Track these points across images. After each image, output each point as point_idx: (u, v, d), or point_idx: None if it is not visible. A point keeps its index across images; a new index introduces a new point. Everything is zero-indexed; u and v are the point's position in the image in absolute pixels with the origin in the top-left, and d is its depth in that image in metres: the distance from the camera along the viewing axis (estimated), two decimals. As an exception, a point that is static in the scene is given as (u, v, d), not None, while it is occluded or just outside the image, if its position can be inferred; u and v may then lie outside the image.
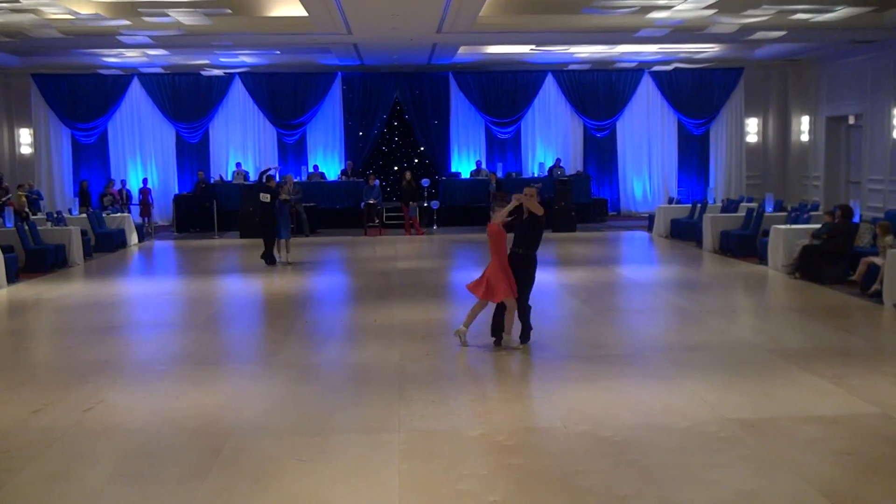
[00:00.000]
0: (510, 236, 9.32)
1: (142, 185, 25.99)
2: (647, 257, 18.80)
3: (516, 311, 9.31)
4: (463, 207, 25.70)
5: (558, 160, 27.02)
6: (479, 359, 9.00)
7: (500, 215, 9.24)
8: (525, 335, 9.50)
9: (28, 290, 14.56)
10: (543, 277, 14.18)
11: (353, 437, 6.59)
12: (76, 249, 17.82)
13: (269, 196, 16.89)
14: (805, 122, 26.67)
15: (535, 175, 26.86)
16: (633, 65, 27.04)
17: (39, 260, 16.64)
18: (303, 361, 9.11)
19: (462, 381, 8.16)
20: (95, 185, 26.45)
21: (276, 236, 17.04)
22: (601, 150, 28.21)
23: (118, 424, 7.00)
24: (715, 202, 22.39)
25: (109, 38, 19.74)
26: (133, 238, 21.76)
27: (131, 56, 23.71)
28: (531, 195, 9.16)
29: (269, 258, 17.01)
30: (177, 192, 26.84)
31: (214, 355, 9.63)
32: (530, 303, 9.58)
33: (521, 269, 9.29)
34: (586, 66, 27.23)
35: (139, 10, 17.11)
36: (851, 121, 24.27)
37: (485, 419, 6.97)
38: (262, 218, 17.12)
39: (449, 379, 8.21)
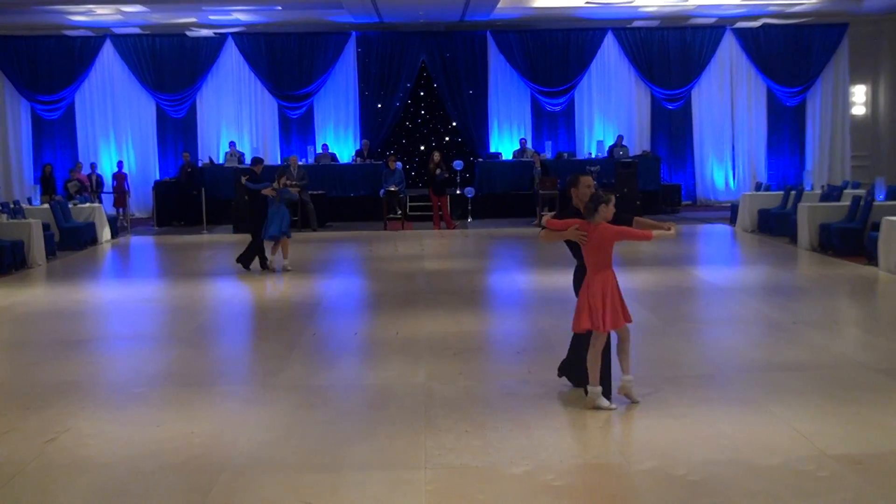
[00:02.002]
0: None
1: (116, 170, 26.27)
2: (730, 256, 18.67)
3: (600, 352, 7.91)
4: (504, 196, 25.69)
5: (620, 138, 26.94)
6: (523, 381, 8.98)
7: (607, 212, 7.80)
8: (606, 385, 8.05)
9: (-19, 295, 14.75)
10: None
11: (371, 475, 6.61)
12: (37, 247, 17.99)
13: (245, 177, 16.74)
14: (925, 89, 26.36)
15: (592, 156, 26.82)
16: (711, 20, 26.87)
17: (-6, 260, 16.84)
18: (309, 383, 9.14)
19: (502, 407, 8.15)
20: (61, 170, 26.72)
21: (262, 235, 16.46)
22: (673, 126, 28.10)
23: (87, 458, 7.06)
24: (813, 189, 22.20)
25: (77, -8, 19.95)
26: (105, 233, 21.96)
27: (103, 14, 23.94)
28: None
29: (246, 260, 16.59)
30: (158, 177, 27.07)
31: (203, 375, 9.69)
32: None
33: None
34: (654, 23, 27.11)
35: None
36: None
37: (530, 454, 6.96)
38: (251, 208, 16.93)
39: (486, 405, 8.20)
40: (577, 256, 8.16)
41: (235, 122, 27.84)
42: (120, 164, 26.43)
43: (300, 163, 24.54)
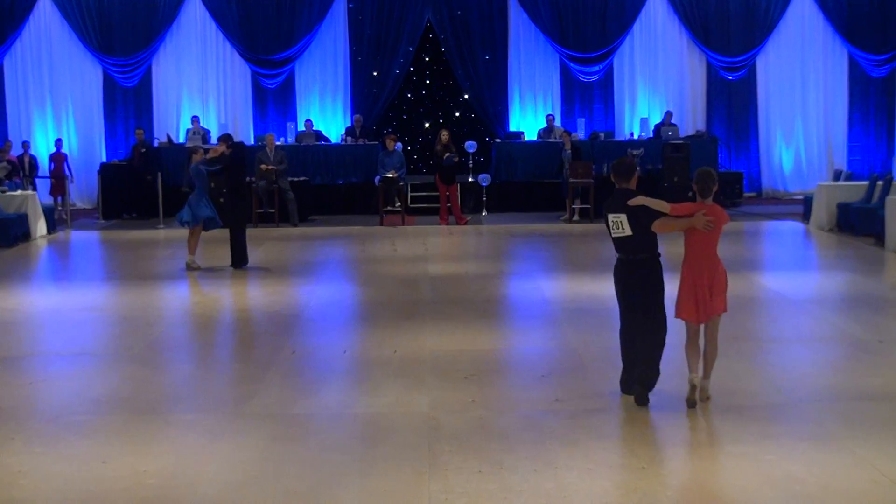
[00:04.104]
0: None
1: (54, 150, 26.26)
2: (802, 260, 18.63)
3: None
4: (526, 184, 25.66)
5: (669, 115, 26.92)
6: (549, 410, 8.98)
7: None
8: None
9: None
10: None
11: (361, 524, 6.62)
12: (-42, 243, 18.04)
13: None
14: None
15: (634, 137, 26.80)
16: (781, -28, 26.87)
17: None
18: (288, 411, 9.15)
19: (523, 442, 8.15)
20: (-13, 150, 26.79)
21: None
22: (733, 100, 28.09)
23: (16, 500, 7.07)
24: (904, 178, 22.18)
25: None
26: (40, 227, 21.95)
27: (39, -40, 23.98)
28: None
29: (241, 258, 17.08)
30: (104, 159, 27.09)
31: (158, 401, 9.69)
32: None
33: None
34: (711, -25, 27.14)
35: None
36: None
37: (556, 500, 6.96)
38: (229, 196, 17.21)
39: (503, 439, 8.20)
40: (646, 248, 8.86)
41: (199, 92, 27.85)
42: (58, 142, 26.42)
43: (278, 143, 24.52)
